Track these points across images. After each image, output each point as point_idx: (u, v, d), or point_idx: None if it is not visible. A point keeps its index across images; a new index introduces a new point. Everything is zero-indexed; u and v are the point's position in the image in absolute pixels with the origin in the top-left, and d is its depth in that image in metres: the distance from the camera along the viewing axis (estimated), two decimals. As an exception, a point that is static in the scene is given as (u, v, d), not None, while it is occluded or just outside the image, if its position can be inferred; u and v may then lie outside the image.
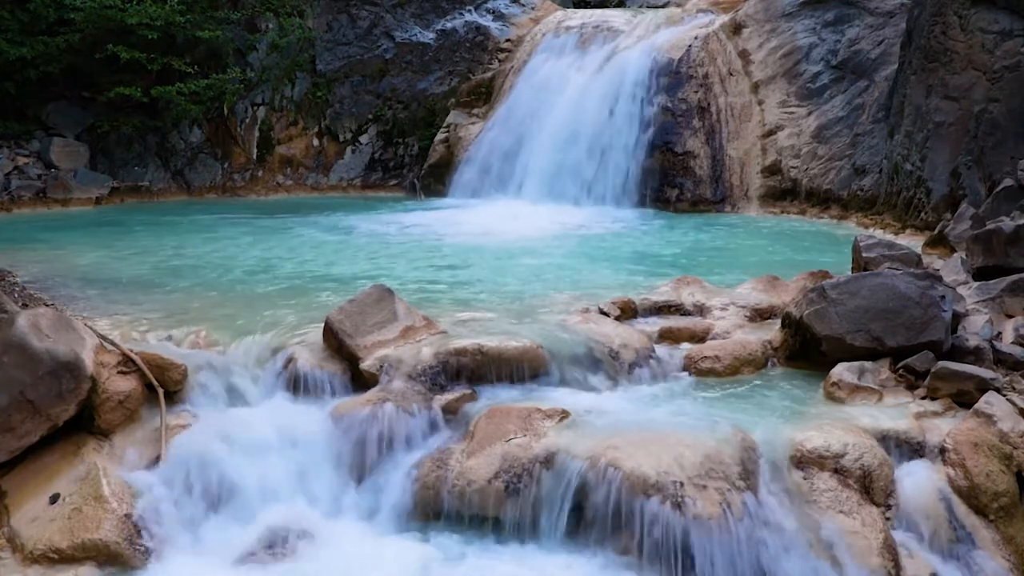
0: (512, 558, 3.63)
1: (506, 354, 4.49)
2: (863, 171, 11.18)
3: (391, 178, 15.26)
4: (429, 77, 15.23)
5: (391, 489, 3.95)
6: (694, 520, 3.40)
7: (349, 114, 15.13)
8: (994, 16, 8.68)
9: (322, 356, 4.64)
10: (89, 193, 12.63)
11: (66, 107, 13.27)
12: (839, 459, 3.69)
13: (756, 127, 12.50)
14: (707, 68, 13.00)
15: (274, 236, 9.67)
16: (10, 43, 12.05)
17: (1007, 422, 3.90)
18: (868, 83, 11.65)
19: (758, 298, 5.74)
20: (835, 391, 4.35)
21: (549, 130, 13.07)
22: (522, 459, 3.80)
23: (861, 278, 4.79)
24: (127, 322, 5.25)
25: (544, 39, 14.70)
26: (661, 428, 3.87)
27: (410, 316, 4.83)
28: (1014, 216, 6.21)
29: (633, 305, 5.61)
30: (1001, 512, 3.73)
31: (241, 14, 14.24)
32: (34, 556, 3.59)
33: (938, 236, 7.59)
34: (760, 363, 4.90)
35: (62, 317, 4.34)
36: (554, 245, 9.24)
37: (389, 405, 4.16)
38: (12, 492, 3.87)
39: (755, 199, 12.17)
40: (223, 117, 14.37)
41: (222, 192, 14.31)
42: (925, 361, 4.41)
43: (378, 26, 15.22)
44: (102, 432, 4.08)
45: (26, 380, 3.89)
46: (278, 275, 7.18)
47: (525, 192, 12.83)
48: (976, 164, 8.68)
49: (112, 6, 12.37)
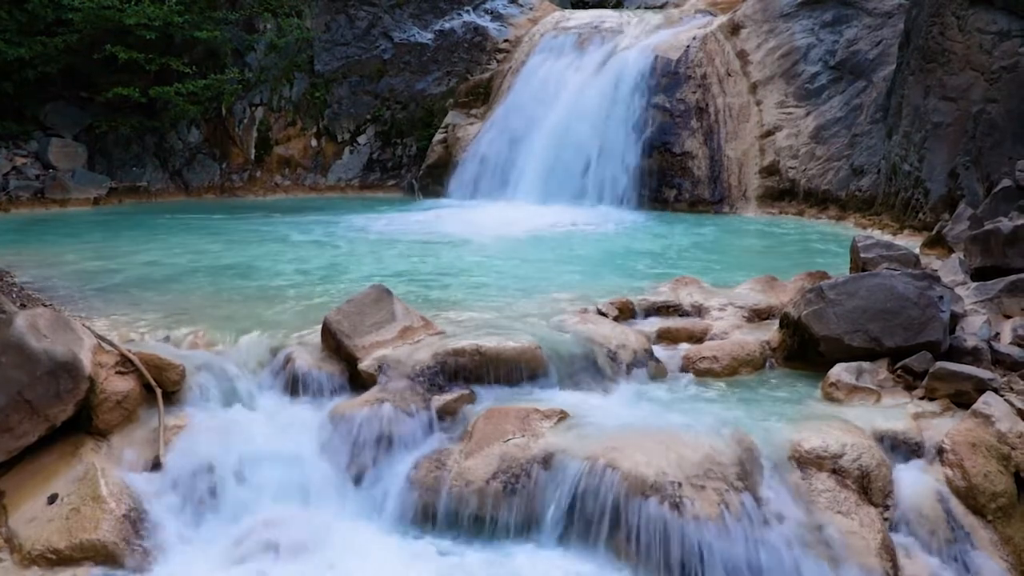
0: (510, 558, 3.62)
1: (504, 355, 4.49)
2: (861, 171, 11.19)
3: (389, 179, 15.25)
4: (427, 77, 15.23)
5: (389, 489, 3.95)
6: (692, 520, 3.41)
7: (347, 114, 15.13)
8: (992, 16, 8.69)
9: (320, 356, 4.64)
10: (87, 193, 12.62)
11: (64, 107, 13.26)
12: (837, 459, 3.69)
13: (754, 127, 12.50)
14: (705, 68, 13.01)
15: (272, 236, 9.66)
16: (8, 43, 12.04)
17: (1005, 422, 3.91)
18: (866, 83, 11.66)
19: (756, 298, 5.75)
20: (833, 391, 4.36)
21: (547, 131, 13.07)
22: (520, 459, 3.80)
23: (859, 279, 4.80)
24: (125, 322, 5.25)
25: (542, 40, 14.71)
26: (659, 429, 3.88)
27: (408, 316, 4.83)
28: (1012, 216, 6.21)
29: (631, 305, 5.62)
30: (999, 512, 3.73)
31: (239, 14, 14.23)
32: (32, 556, 3.59)
33: (936, 236, 7.59)
34: (758, 363, 4.91)
35: (60, 317, 4.34)
36: (552, 246, 9.24)
37: (387, 405, 4.17)
38: (10, 492, 3.87)
39: (753, 199, 12.17)
40: (221, 117, 14.37)
41: (220, 192, 14.31)
42: (923, 362, 4.41)
43: (376, 26, 15.22)
44: (100, 432, 4.08)
45: (24, 380, 3.89)
46: (276, 275, 7.17)
47: (523, 192, 12.83)
48: (974, 164, 8.69)
49: (110, 6, 12.36)
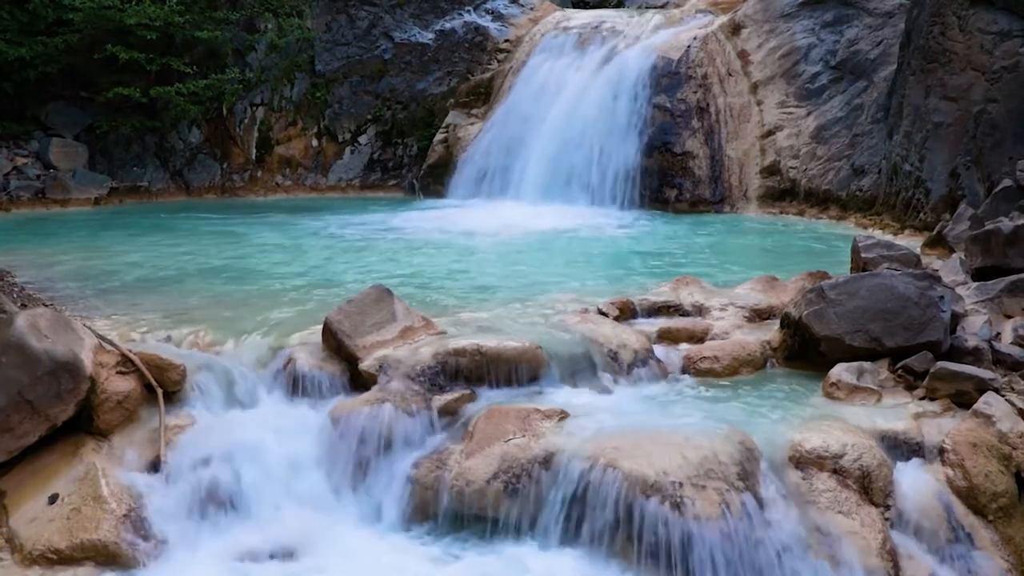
0: (510, 558, 3.63)
1: (505, 354, 4.49)
2: (862, 171, 11.19)
3: (390, 178, 15.25)
4: (428, 77, 15.23)
5: (390, 489, 3.96)
6: (693, 521, 3.40)
7: (348, 114, 15.13)
8: (993, 16, 8.68)
9: (321, 356, 4.64)
10: (88, 193, 12.62)
11: (65, 107, 13.26)
12: (838, 459, 3.69)
13: (755, 127, 12.49)
14: (706, 68, 13.00)
15: (273, 236, 9.66)
16: (9, 43, 12.04)
17: (1006, 422, 3.91)
18: (867, 83, 11.65)
19: (757, 298, 5.74)
20: (834, 391, 4.36)
21: (548, 130, 13.06)
22: (521, 459, 3.80)
23: (860, 278, 4.80)
24: (126, 322, 5.25)
25: (543, 39, 14.70)
26: (660, 429, 3.87)
27: (409, 316, 4.83)
28: (1013, 216, 6.21)
29: (632, 305, 5.61)
30: (1000, 512, 3.73)
31: (240, 14, 14.23)
32: (33, 556, 3.59)
33: (937, 236, 7.59)
34: (759, 363, 4.90)
35: (61, 317, 4.34)
36: (553, 245, 9.23)
37: (388, 405, 4.17)
38: (11, 492, 3.87)
39: (754, 199, 12.17)
40: (222, 117, 14.37)
41: (221, 192, 14.31)
42: (924, 361, 4.41)
43: (377, 26, 15.22)
44: (101, 432, 4.08)
45: (25, 380, 3.89)
46: (277, 275, 7.17)
47: (524, 192, 12.82)
48: (975, 164, 8.69)
49: (111, 6, 12.36)
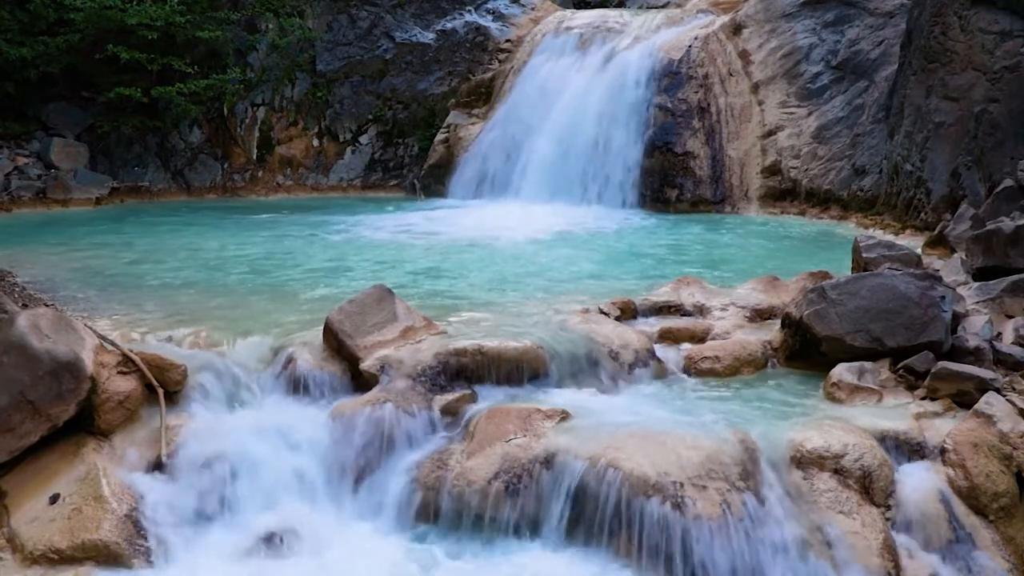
0: (512, 558, 3.63)
1: (506, 354, 4.49)
2: (863, 171, 11.18)
3: (391, 178, 15.26)
4: (429, 77, 15.24)
5: (391, 489, 3.96)
6: (694, 520, 3.40)
7: (349, 114, 15.14)
8: (994, 16, 8.68)
9: (322, 357, 4.64)
10: (89, 193, 12.64)
11: (66, 107, 13.28)
12: (839, 459, 3.69)
13: (756, 127, 12.50)
14: (707, 68, 13.00)
15: (274, 236, 9.66)
16: (10, 43, 12.06)
17: (1007, 422, 3.90)
18: (868, 83, 11.65)
19: (758, 298, 5.74)
20: (835, 391, 4.35)
21: (549, 130, 13.07)
22: (522, 459, 3.80)
23: (861, 278, 4.80)
24: (127, 322, 5.25)
25: (544, 39, 14.71)
26: (661, 429, 3.87)
27: (410, 316, 4.83)
28: (1014, 216, 6.20)
29: (633, 305, 5.62)
30: (1001, 512, 3.73)
31: (241, 14, 14.24)
32: (34, 556, 3.59)
33: (938, 236, 7.59)
34: (760, 363, 4.90)
35: (62, 317, 4.34)
36: (553, 245, 9.24)
37: (389, 405, 4.17)
38: (12, 492, 3.87)
39: (755, 199, 12.17)
40: (223, 117, 14.38)
41: (222, 192, 14.33)
42: (925, 361, 4.41)
43: (378, 26, 15.22)
44: (102, 432, 4.08)
45: (26, 380, 3.89)
46: (278, 275, 7.18)
47: (525, 192, 12.83)
48: (976, 164, 8.68)
49: (112, 6, 12.38)
